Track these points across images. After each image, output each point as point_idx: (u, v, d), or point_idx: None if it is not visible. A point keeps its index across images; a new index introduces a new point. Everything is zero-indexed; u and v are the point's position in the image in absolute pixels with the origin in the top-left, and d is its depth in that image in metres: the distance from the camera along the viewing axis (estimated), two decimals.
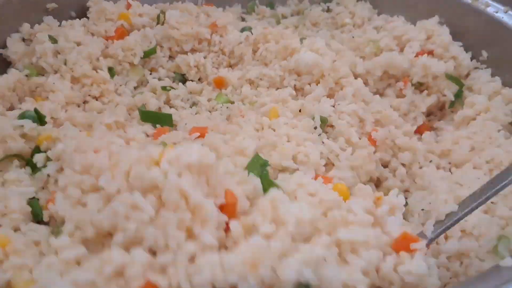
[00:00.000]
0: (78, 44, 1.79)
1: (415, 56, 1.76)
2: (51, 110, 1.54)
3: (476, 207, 1.14)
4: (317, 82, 1.68)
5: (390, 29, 1.95)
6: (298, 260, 0.89)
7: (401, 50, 1.84)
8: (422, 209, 1.37)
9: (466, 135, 1.57)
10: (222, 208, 0.98)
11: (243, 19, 2.29)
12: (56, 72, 1.72)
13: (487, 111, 1.65)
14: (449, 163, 1.56)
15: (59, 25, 1.92)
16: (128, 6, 2.05)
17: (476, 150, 1.52)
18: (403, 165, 1.55)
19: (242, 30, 1.96)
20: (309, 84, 1.69)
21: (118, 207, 0.91)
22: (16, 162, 1.37)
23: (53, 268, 0.92)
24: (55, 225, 1.22)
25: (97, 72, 1.73)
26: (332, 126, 1.52)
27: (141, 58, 1.86)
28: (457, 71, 1.82)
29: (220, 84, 1.82)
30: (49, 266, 0.93)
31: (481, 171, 1.43)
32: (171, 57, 1.95)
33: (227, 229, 0.97)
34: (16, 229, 1.19)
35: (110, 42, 1.89)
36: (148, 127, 1.60)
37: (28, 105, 1.54)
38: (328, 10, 2.29)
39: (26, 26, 1.87)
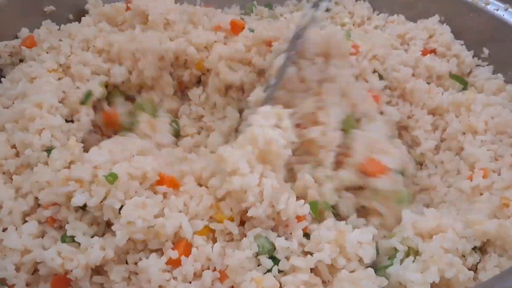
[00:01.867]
0: None
1: (421, 54, 1.77)
2: None
3: None
4: None
5: (392, 27, 1.97)
6: None
7: (405, 49, 1.84)
8: None
9: None
10: None
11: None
12: None
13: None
14: None
15: (58, 29, 1.88)
16: (128, 9, 2.02)
17: None
18: None
19: None
20: None
21: None
22: None
23: None
24: None
25: None
26: None
27: None
28: (459, 69, 1.84)
29: None
30: None
31: None
32: None
33: None
34: None
35: None
36: None
37: None
38: (327, 10, 2.28)
39: (24, 31, 1.83)
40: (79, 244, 1.18)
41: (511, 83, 1.76)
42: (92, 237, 1.22)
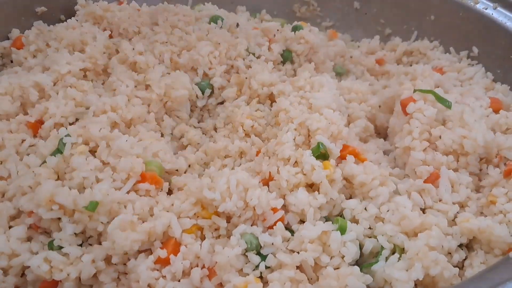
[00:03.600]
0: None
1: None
2: None
3: None
4: None
5: None
6: None
7: None
8: None
9: None
10: None
11: None
12: None
13: None
14: None
15: (49, 30, 1.87)
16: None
17: None
18: None
19: None
20: None
21: None
22: None
23: None
24: None
25: None
26: None
27: None
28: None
29: None
30: None
31: None
32: None
33: None
34: None
35: None
36: None
37: None
38: None
39: (15, 32, 1.83)
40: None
41: (500, 81, 1.78)
42: (80, 244, 1.21)
